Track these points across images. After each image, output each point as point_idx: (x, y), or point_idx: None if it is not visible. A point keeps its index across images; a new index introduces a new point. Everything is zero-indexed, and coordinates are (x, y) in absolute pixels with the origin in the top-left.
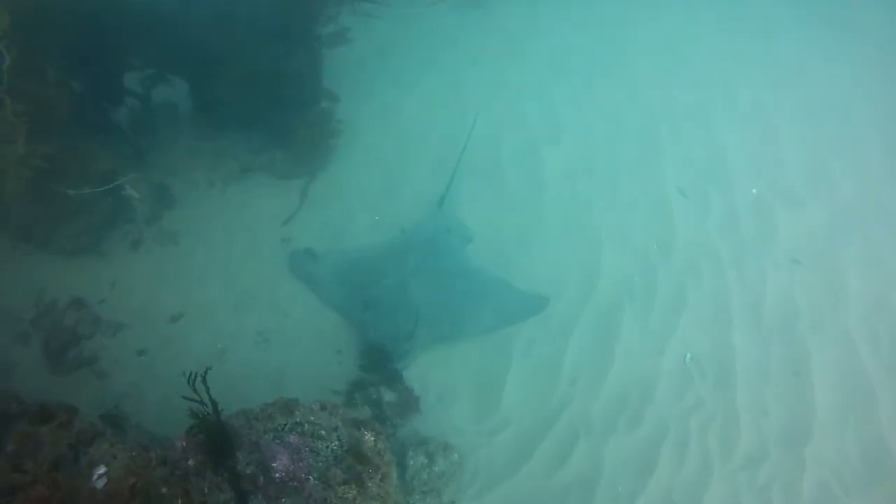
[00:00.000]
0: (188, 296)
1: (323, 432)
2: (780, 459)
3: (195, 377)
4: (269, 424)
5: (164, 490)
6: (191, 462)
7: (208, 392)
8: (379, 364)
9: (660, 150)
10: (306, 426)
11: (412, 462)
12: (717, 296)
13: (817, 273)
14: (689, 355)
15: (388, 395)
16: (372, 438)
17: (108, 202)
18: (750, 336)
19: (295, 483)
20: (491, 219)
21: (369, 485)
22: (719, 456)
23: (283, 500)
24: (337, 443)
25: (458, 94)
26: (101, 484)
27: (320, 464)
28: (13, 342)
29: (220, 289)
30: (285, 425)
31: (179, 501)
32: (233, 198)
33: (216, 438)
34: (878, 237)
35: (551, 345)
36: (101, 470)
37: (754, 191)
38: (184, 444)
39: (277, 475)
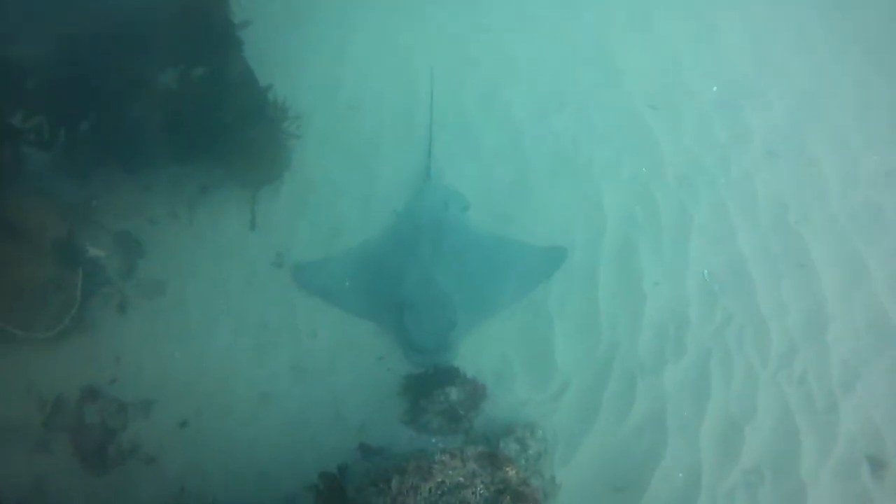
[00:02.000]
0: (200, 347)
1: (462, 479)
2: (807, 350)
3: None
4: (419, 496)
5: None
6: None
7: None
8: (437, 370)
9: (617, 68)
10: (447, 483)
11: (507, 452)
12: (714, 207)
13: (793, 162)
14: (706, 271)
15: (454, 394)
16: (513, 472)
17: (76, 273)
18: (753, 239)
19: None
20: (478, 177)
21: None
22: (759, 362)
23: None
24: (482, 487)
25: (394, 46)
26: None
27: None
28: (32, 454)
29: (231, 330)
30: (431, 490)
31: None
32: (203, 223)
33: None
34: (836, 115)
35: (582, 296)
36: None
37: (714, 89)
38: None
39: None
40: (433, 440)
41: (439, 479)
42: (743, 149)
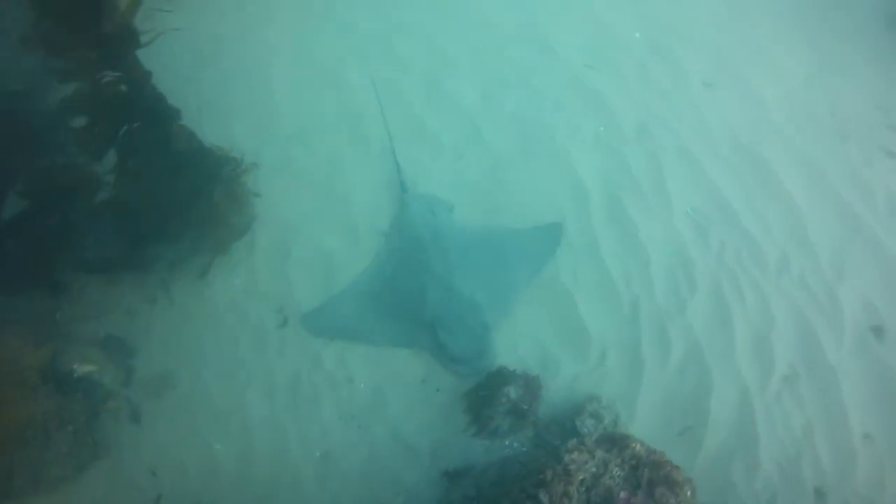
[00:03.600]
0: (237, 428)
1: (595, 469)
2: (797, 254)
3: None
4: (574, 501)
5: None
6: None
7: None
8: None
9: (545, 38)
10: (587, 478)
11: (585, 430)
12: (677, 147)
13: (730, 89)
14: (689, 209)
15: (513, 392)
16: (638, 445)
17: (74, 399)
18: (719, 168)
19: None
20: (450, 176)
21: (686, 488)
22: (762, 276)
23: None
24: (617, 469)
25: (317, 63)
26: None
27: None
28: None
29: (262, 401)
30: (579, 490)
31: None
32: (185, 299)
33: None
34: (752, 34)
35: (591, 263)
36: None
37: (637, 35)
38: None
39: None
40: (506, 443)
41: (581, 477)
42: (684, 87)
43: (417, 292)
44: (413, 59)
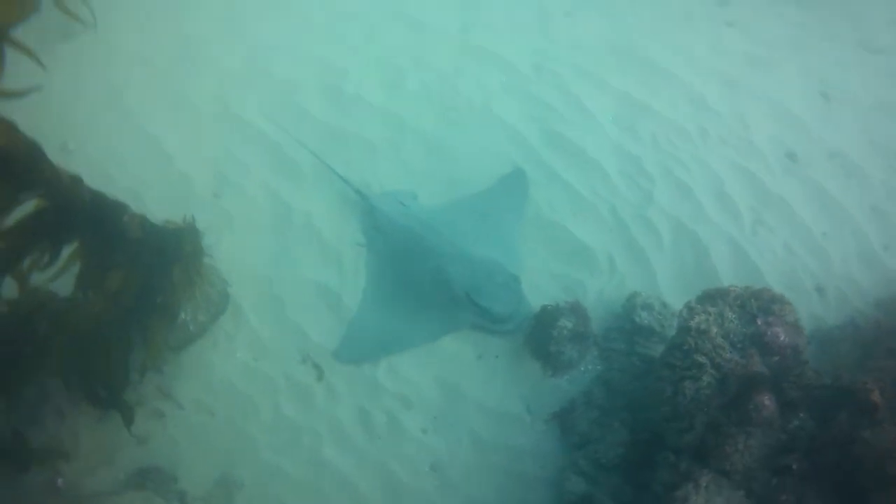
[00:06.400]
0: (340, 489)
1: (718, 319)
2: (709, 120)
3: None
4: (725, 349)
5: None
6: None
7: None
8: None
9: (411, 14)
10: (719, 331)
11: (645, 322)
12: (572, 71)
13: (588, 12)
14: (611, 116)
15: (567, 322)
16: (735, 287)
17: None
18: (615, 75)
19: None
20: (394, 168)
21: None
22: (694, 146)
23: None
24: (730, 312)
25: (191, 103)
26: None
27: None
28: None
29: (345, 451)
30: (721, 342)
31: None
32: (196, 397)
33: None
34: None
35: (560, 191)
36: None
37: None
38: None
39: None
40: (581, 369)
41: (714, 331)
42: (551, 21)
43: (434, 278)
44: (296, 76)
